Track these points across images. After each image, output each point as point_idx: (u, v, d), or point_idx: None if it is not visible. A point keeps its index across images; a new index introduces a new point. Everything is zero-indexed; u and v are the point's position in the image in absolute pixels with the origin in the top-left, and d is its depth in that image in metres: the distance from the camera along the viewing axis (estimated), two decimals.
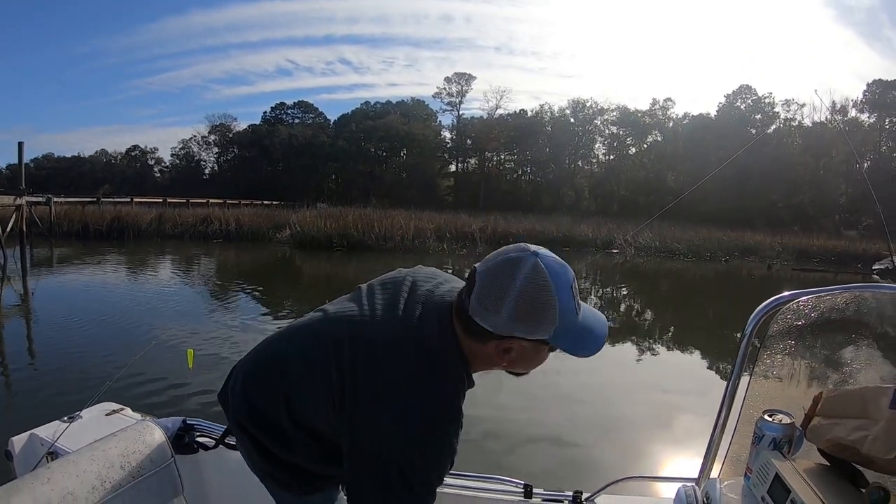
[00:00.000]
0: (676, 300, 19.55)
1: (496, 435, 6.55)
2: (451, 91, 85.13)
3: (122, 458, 2.20)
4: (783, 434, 1.61)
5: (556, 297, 1.41)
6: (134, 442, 2.32)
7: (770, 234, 36.49)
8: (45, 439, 2.97)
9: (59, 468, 2.01)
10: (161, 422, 2.64)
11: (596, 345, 1.51)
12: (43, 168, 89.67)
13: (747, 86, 70.14)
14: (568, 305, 1.43)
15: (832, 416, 1.59)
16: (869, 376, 1.76)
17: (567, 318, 1.43)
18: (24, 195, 28.80)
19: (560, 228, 34.86)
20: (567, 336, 1.46)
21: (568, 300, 1.43)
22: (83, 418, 3.15)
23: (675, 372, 9.82)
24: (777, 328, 1.80)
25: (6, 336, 11.85)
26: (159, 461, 2.35)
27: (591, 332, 1.50)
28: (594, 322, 1.52)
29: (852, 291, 1.76)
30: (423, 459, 1.45)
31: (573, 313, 1.44)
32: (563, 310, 1.42)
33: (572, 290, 1.44)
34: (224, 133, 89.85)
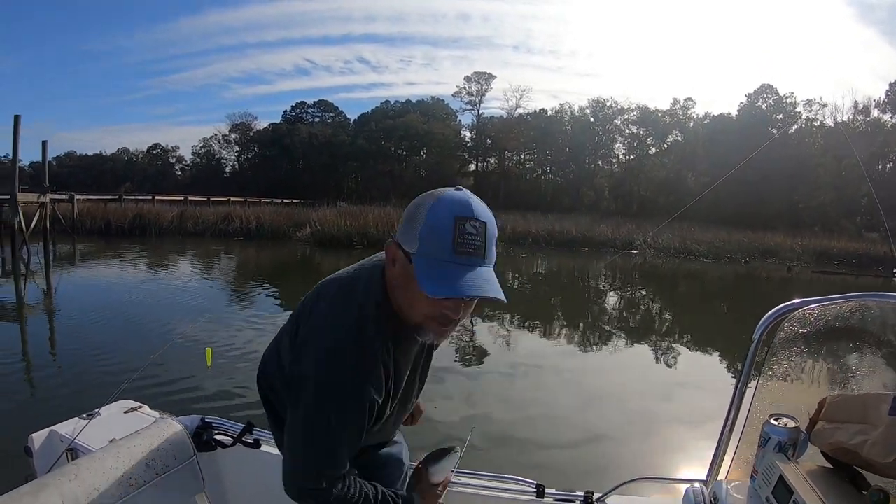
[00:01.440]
0: (694, 302, 19.49)
1: (509, 434, 6.58)
2: (470, 90, 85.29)
3: (147, 456, 2.26)
4: (788, 437, 1.65)
5: (428, 210, 1.43)
6: (158, 440, 2.38)
7: (790, 236, 36.17)
8: (64, 436, 3.02)
9: (85, 465, 2.07)
10: (180, 420, 2.70)
11: (443, 290, 1.40)
12: (65, 166, 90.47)
13: (769, 85, 69.49)
14: (438, 227, 1.40)
15: (835, 421, 1.63)
16: (872, 383, 1.79)
17: (434, 244, 1.41)
18: (47, 193, 29.05)
19: (579, 228, 34.83)
20: (425, 263, 1.42)
21: (440, 225, 1.40)
22: (102, 415, 3.20)
23: (690, 373, 9.80)
24: (784, 335, 1.84)
25: (29, 331, 12.01)
26: (182, 458, 2.41)
27: (451, 278, 1.40)
28: (472, 278, 1.41)
29: (857, 300, 1.78)
30: (321, 370, 1.53)
31: (445, 245, 1.40)
32: (428, 226, 1.41)
33: (457, 226, 1.40)
34: (245, 132, 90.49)
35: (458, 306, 1.48)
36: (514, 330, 13.14)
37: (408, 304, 1.52)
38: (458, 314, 1.50)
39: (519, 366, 9.93)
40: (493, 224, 1.47)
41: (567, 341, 12.30)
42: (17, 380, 8.54)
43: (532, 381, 9.24)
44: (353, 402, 1.54)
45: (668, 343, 12.29)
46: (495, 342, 11.73)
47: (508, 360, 10.27)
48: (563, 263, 27.96)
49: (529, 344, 11.77)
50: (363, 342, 1.54)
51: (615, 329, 13.87)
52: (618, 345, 11.99)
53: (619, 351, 11.53)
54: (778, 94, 68.64)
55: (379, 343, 1.56)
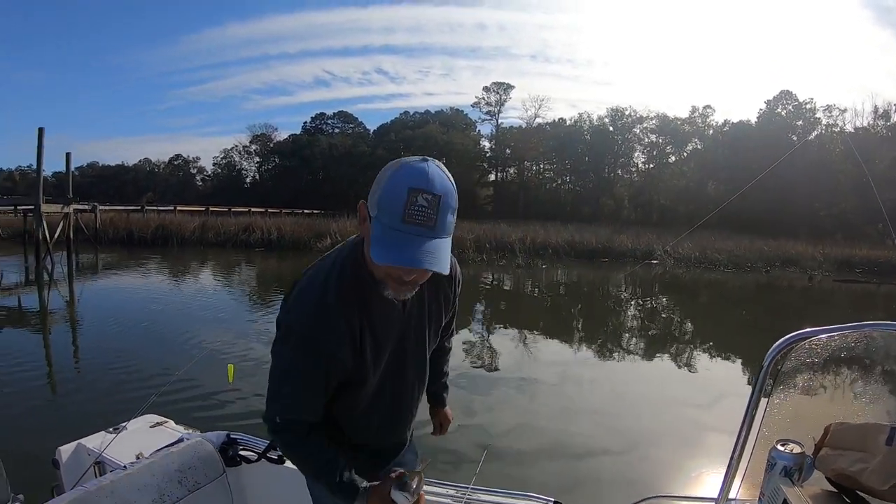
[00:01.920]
0: (715, 313, 19.34)
1: (526, 447, 6.61)
2: (489, 100, 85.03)
3: (180, 473, 2.35)
4: (794, 462, 1.70)
5: (388, 179, 1.49)
6: (190, 457, 2.47)
7: (812, 244, 35.86)
8: (91, 450, 3.11)
9: (121, 482, 2.16)
10: (206, 436, 2.78)
11: (383, 257, 1.46)
12: (88, 176, 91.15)
13: (788, 91, 68.84)
14: (393, 196, 1.45)
15: (838, 448, 1.69)
16: (876, 411, 1.84)
17: (388, 212, 1.46)
18: (71, 203, 29.36)
19: (599, 239, 34.64)
20: (379, 229, 1.48)
21: (395, 194, 1.45)
22: (128, 430, 3.30)
23: (710, 387, 9.74)
24: (793, 362, 1.89)
25: (53, 341, 12.18)
26: (212, 475, 2.50)
27: (396, 246, 1.45)
28: (414, 248, 1.46)
29: (863, 330, 1.83)
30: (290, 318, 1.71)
31: (396, 213, 1.44)
32: (385, 194, 1.47)
33: (410, 197, 1.44)
34: (265, 142, 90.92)
35: (409, 270, 1.52)
36: (533, 340, 13.16)
37: (370, 260, 1.58)
38: (410, 277, 1.55)
39: (537, 377, 9.94)
40: (449, 196, 1.50)
41: (586, 353, 12.32)
42: (41, 390, 8.68)
43: (550, 392, 9.24)
44: (309, 346, 1.65)
45: (688, 355, 12.24)
46: (514, 353, 11.78)
47: (527, 371, 10.27)
48: (582, 274, 27.86)
49: (548, 355, 11.75)
50: (326, 292, 1.67)
51: (635, 341, 13.87)
52: (637, 357, 12.01)
53: (638, 363, 11.53)
54: (797, 100, 68.06)
55: (340, 295, 1.67)
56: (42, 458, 3.42)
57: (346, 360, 1.69)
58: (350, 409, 1.86)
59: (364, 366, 1.74)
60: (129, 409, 3.33)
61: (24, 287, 21.05)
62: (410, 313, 1.84)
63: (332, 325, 1.65)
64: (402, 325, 1.83)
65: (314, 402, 1.74)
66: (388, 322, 1.78)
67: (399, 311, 1.80)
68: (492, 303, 19.69)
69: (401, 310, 1.80)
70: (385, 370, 1.84)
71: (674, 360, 11.78)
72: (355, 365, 1.72)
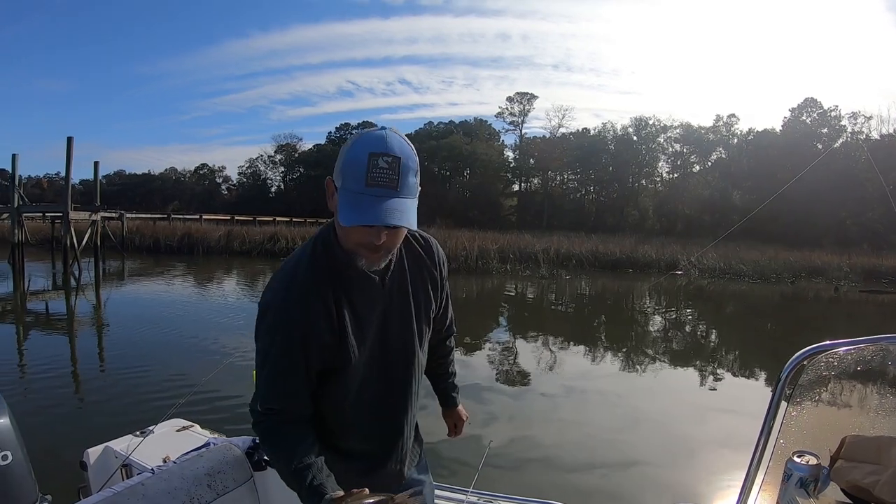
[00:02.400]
0: (739, 324, 19.21)
1: (550, 458, 6.64)
2: (513, 111, 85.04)
3: (209, 477, 2.40)
4: (810, 474, 1.72)
5: (349, 149, 1.54)
6: (219, 462, 2.52)
7: (838, 254, 35.52)
8: (119, 452, 3.17)
9: (152, 484, 2.20)
10: (232, 440, 2.83)
11: (352, 219, 1.50)
12: (114, 184, 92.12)
13: (812, 99, 68.35)
14: (354, 162, 1.50)
15: (852, 460, 1.71)
16: (891, 424, 1.85)
17: (351, 178, 1.51)
18: (98, 211, 29.68)
19: (623, 249, 34.53)
20: (344, 196, 1.53)
21: (357, 161, 1.50)
22: (155, 433, 3.35)
23: (733, 398, 9.67)
24: (811, 374, 1.90)
25: (79, 346, 12.32)
26: (240, 479, 2.54)
27: (364, 207, 1.50)
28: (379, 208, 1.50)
29: (880, 343, 1.84)
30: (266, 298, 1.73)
31: (360, 179, 1.49)
32: (347, 162, 1.52)
33: (371, 161, 1.49)
34: (290, 152, 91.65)
35: (378, 233, 1.55)
36: (556, 351, 13.17)
37: (342, 233, 1.64)
38: (380, 240, 1.57)
39: (560, 387, 9.98)
40: (409, 159, 1.55)
41: (609, 363, 12.29)
42: (68, 394, 8.81)
43: (572, 402, 9.26)
44: (282, 324, 1.67)
45: (712, 367, 12.17)
46: (538, 363, 11.78)
47: (550, 381, 10.31)
48: (606, 285, 27.78)
49: (571, 365, 11.76)
50: (297, 270, 1.72)
51: (658, 352, 13.80)
52: (660, 367, 11.95)
53: (661, 373, 11.48)
54: (822, 107, 67.58)
55: (312, 271, 1.71)
56: (69, 459, 3.48)
57: (324, 336, 1.68)
58: (336, 403, 1.82)
59: (346, 347, 1.73)
60: (155, 414, 3.38)
61: (52, 292, 21.35)
62: (391, 291, 1.83)
63: (305, 301, 1.67)
64: (383, 303, 1.82)
65: (293, 385, 1.71)
66: (366, 298, 1.77)
67: (379, 287, 1.79)
68: (515, 313, 19.74)
69: (380, 286, 1.79)
70: (370, 356, 1.81)
71: (697, 372, 11.70)
72: (336, 346, 1.71)
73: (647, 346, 14.58)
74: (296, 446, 1.68)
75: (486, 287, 25.16)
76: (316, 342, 1.67)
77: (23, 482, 2.61)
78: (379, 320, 1.81)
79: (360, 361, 1.78)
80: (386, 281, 1.80)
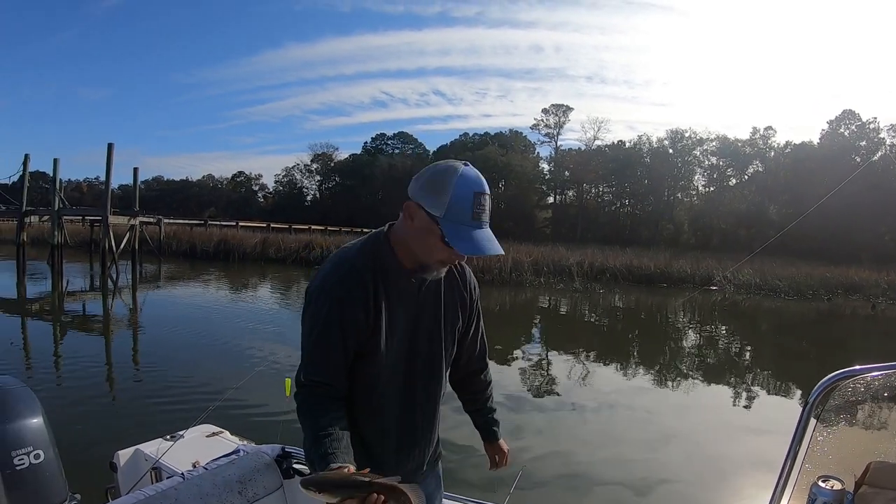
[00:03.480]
0: (774, 342, 18.94)
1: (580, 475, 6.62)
2: (548, 122, 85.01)
3: (240, 484, 2.42)
4: (834, 499, 1.68)
5: (454, 186, 1.73)
6: (249, 469, 2.54)
7: (876, 270, 34.79)
8: (149, 455, 3.20)
9: (185, 490, 2.22)
10: (262, 448, 2.85)
11: (475, 248, 1.75)
12: (153, 189, 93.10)
13: (850, 111, 67.40)
14: (462, 199, 1.73)
15: (876, 486, 1.69)
16: None
17: (459, 213, 1.73)
18: (137, 216, 30.11)
19: (658, 264, 34.11)
20: (454, 229, 1.74)
21: (464, 198, 1.73)
22: (185, 438, 3.39)
23: (766, 417, 9.52)
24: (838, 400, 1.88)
25: (114, 347, 12.51)
26: (271, 487, 2.56)
27: (476, 240, 1.75)
28: (484, 239, 1.76)
29: None
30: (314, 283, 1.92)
31: (467, 214, 1.73)
32: (455, 199, 1.73)
33: (476, 199, 1.74)
34: (326, 162, 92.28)
35: (463, 256, 1.82)
36: (588, 365, 13.12)
37: (426, 251, 1.84)
38: (464, 259, 1.90)
39: (591, 401, 9.94)
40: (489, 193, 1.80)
41: (641, 378, 12.18)
42: (101, 395, 8.94)
43: (603, 417, 9.23)
44: (327, 298, 1.85)
45: (745, 385, 11.99)
46: (567, 376, 11.73)
47: (581, 396, 10.27)
48: (640, 299, 27.58)
49: (603, 380, 11.70)
50: (346, 261, 1.90)
51: (691, 368, 13.67)
52: (693, 384, 11.83)
53: (693, 390, 11.36)
54: (860, 119, 66.64)
55: (364, 257, 1.90)
56: (99, 460, 3.52)
57: (359, 319, 1.84)
58: (362, 390, 1.95)
59: (377, 335, 1.88)
60: (186, 418, 3.41)
61: (89, 293, 21.65)
62: (425, 300, 2.01)
63: (347, 285, 1.85)
64: (416, 309, 1.99)
65: (333, 360, 1.86)
66: (402, 301, 1.94)
67: (415, 293, 1.97)
68: (547, 326, 19.69)
69: (416, 293, 1.97)
70: (397, 356, 1.96)
71: (731, 389, 11.56)
72: (368, 332, 1.87)
73: (679, 363, 14.46)
74: (324, 415, 1.80)
75: (519, 299, 25.13)
76: (352, 324, 1.83)
77: (53, 481, 2.66)
78: (410, 325, 1.97)
79: (388, 356, 1.93)
80: (422, 289, 1.98)
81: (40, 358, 11.09)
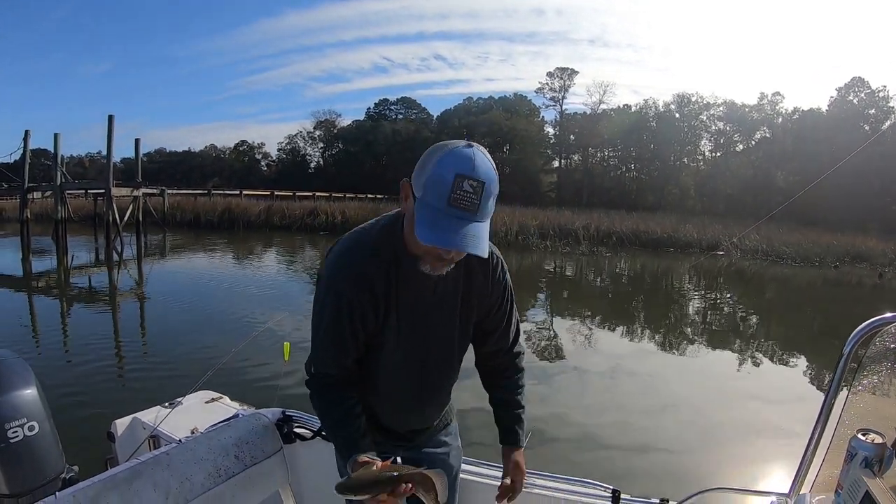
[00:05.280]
0: (780, 308, 18.91)
1: (583, 435, 6.63)
2: (553, 86, 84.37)
3: (236, 448, 2.35)
4: (875, 453, 1.61)
5: (436, 164, 1.54)
6: (247, 432, 2.47)
7: (883, 240, 34.50)
8: (147, 423, 3.16)
9: (177, 454, 2.15)
10: (262, 412, 2.78)
11: (430, 238, 1.53)
12: (155, 161, 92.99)
13: (860, 78, 66.73)
14: (440, 180, 1.51)
15: None
16: None
17: (433, 195, 1.52)
18: (140, 187, 30.06)
19: (664, 229, 34.08)
20: (424, 210, 1.54)
21: (442, 178, 1.51)
22: (183, 405, 3.36)
23: (772, 384, 9.56)
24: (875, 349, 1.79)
25: (118, 319, 12.59)
26: (270, 451, 2.49)
27: (442, 229, 1.52)
28: (456, 232, 1.52)
29: None
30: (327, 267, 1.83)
31: (442, 197, 1.50)
32: (432, 178, 1.53)
33: (457, 182, 1.50)
34: (329, 129, 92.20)
35: (449, 250, 1.59)
36: (594, 330, 13.13)
37: (411, 238, 1.66)
38: (449, 255, 1.65)
39: (596, 366, 9.93)
40: (492, 184, 1.55)
41: (647, 344, 12.21)
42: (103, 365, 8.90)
43: (609, 382, 9.22)
44: (334, 301, 1.77)
45: (751, 351, 11.94)
46: (572, 341, 11.72)
47: (586, 361, 10.26)
48: (646, 264, 27.55)
49: (608, 345, 11.70)
50: (359, 250, 1.79)
51: (696, 333, 13.64)
52: (698, 350, 11.79)
53: (699, 356, 11.33)
54: (870, 87, 65.95)
55: (371, 251, 1.78)
56: (99, 431, 3.46)
57: (368, 313, 1.78)
58: (371, 381, 1.93)
59: (385, 330, 1.83)
60: (187, 385, 3.35)
61: (94, 267, 21.65)
62: (442, 293, 1.87)
63: (354, 275, 1.76)
64: (429, 302, 1.87)
65: (341, 350, 1.82)
66: (415, 293, 1.83)
67: (430, 287, 1.84)
68: (553, 290, 19.68)
69: (431, 286, 1.84)
70: (407, 341, 1.88)
71: (736, 355, 11.52)
72: (375, 325, 1.81)
73: (685, 328, 14.43)
74: (339, 404, 1.83)
75: (524, 263, 25.07)
76: (361, 318, 1.78)
77: (49, 452, 2.60)
78: (423, 320, 1.88)
79: (398, 346, 1.87)
80: (438, 282, 1.83)
81: (45, 332, 11.11)
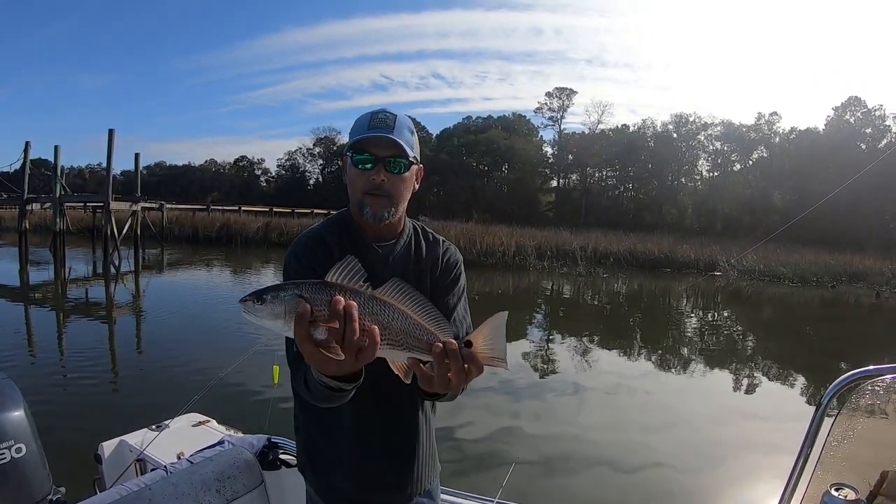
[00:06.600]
0: (777, 329, 18.94)
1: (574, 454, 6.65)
2: (552, 106, 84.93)
3: (218, 482, 2.38)
4: None
5: (357, 119, 1.82)
6: (228, 466, 2.50)
7: (880, 258, 34.57)
8: (133, 446, 3.17)
9: (159, 489, 2.18)
10: (247, 438, 2.81)
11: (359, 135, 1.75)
12: (155, 175, 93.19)
13: (856, 97, 67.43)
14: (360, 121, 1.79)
15: (892, 496, 1.61)
16: None
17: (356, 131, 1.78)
18: (139, 201, 30.09)
19: (662, 249, 34.11)
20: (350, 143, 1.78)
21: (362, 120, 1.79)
22: (171, 428, 3.37)
23: (767, 405, 9.53)
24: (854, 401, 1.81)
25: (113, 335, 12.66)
26: (251, 485, 2.52)
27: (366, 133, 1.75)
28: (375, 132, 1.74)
29: None
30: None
31: (363, 127, 1.76)
32: (356, 124, 1.80)
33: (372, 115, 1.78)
34: (328, 145, 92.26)
35: (378, 172, 1.75)
36: (590, 348, 13.15)
37: (351, 193, 1.83)
38: (380, 177, 1.75)
39: (592, 385, 9.95)
40: (406, 120, 1.81)
41: (643, 363, 12.22)
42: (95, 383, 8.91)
43: (604, 400, 9.24)
44: (292, 267, 1.86)
45: (747, 371, 11.95)
46: (569, 361, 11.73)
47: (579, 380, 10.24)
48: (643, 284, 27.58)
49: (603, 365, 11.66)
50: (313, 230, 1.95)
51: (693, 353, 13.62)
52: (694, 369, 11.80)
53: (695, 376, 11.34)
54: (866, 106, 66.67)
55: (329, 230, 1.92)
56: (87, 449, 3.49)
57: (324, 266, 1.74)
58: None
59: None
60: (175, 406, 3.38)
61: (92, 280, 21.64)
62: (393, 270, 1.87)
63: (314, 243, 1.88)
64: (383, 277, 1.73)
65: None
66: (369, 259, 1.82)
67: (382, 263, 1.89)
68: (551, 310, 19.67)
69: (384, 262, 1.90)
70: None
71: (732, 377, 11.51)
72: None
73: (681, 349, 14.39)
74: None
75: (522, 283, 25.09)
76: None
77: (36, 474, 2.60)
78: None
79: None
80: (389, 261, 1.91)
81: (39, 347, 11.08)
